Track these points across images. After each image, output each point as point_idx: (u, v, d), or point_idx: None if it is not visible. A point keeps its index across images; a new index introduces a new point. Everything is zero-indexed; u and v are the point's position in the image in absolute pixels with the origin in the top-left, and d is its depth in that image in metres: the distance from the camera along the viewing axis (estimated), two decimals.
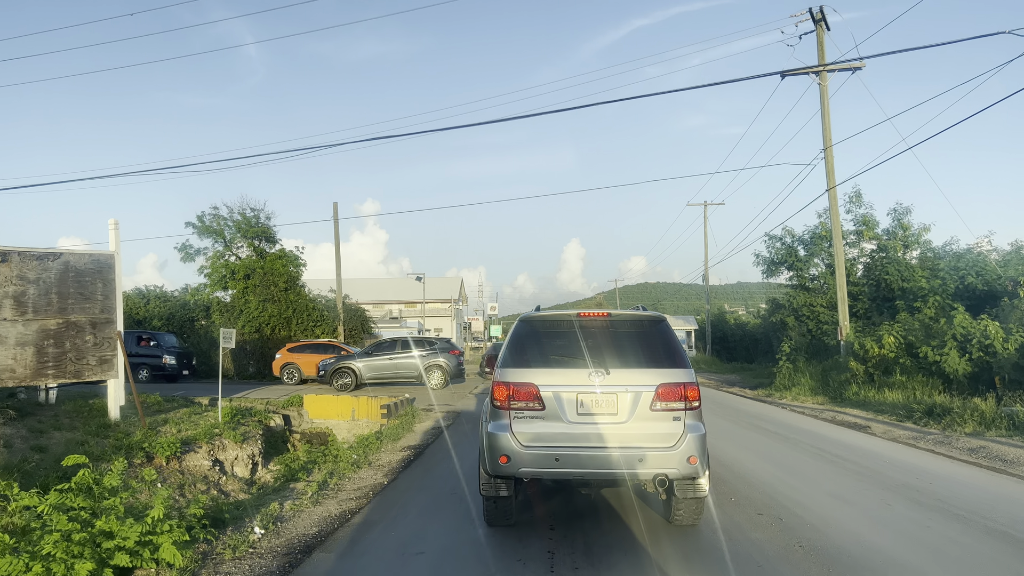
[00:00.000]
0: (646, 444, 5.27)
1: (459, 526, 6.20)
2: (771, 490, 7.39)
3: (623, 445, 5.26)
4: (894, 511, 6.51)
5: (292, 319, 27.08)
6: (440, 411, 15.54)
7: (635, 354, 5.64)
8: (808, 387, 19.13)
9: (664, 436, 5.27)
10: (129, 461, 10.20)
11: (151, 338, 23.55)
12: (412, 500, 7.33)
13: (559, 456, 5.30)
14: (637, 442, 5.27)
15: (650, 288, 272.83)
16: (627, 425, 5.30)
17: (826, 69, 20.64)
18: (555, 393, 5.36)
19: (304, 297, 27.44)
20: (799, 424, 13.33)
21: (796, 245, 30.09)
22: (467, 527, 6.13)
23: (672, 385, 5.34)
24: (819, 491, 7.38)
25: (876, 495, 7.14)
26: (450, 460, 9.57)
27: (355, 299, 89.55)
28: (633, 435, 5.29)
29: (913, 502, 6.82)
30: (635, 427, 5.30)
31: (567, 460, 5.30)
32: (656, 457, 5.24)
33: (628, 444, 5.26)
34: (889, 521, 6.16)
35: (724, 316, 46.87)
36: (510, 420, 5.37)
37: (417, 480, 8.37)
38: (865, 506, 6.72)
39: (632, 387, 5.34)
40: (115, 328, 12.50)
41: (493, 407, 5.51)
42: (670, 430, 5.28)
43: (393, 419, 14.33)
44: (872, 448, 10.23)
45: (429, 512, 6.84)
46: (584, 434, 5.31)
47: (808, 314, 27.74)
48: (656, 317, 5.91)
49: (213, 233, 32.10)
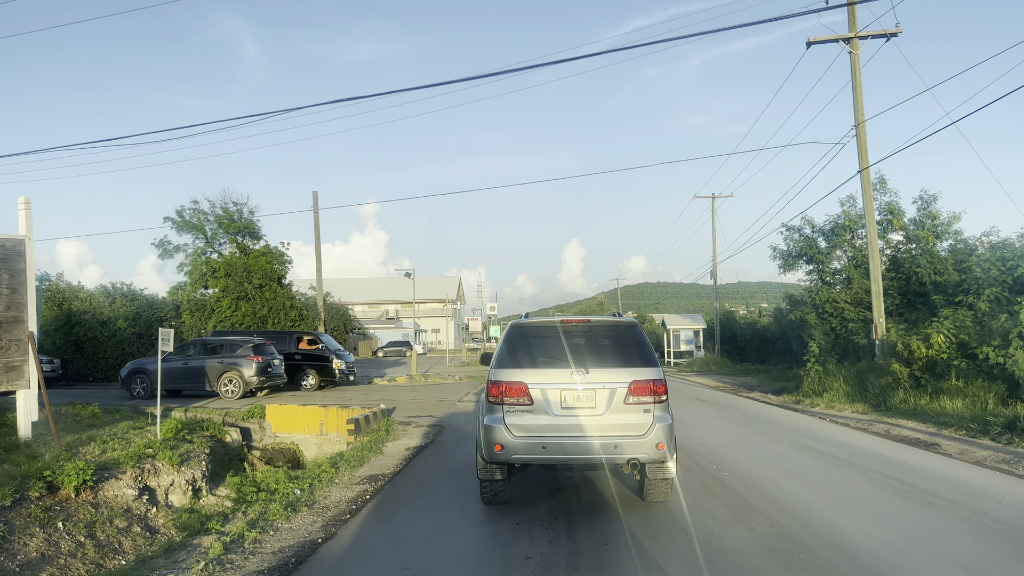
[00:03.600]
0: (621, 433, 6.01)
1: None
2: (875, 560, 5.11)
3: (601, 434, 6.00)
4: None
5: (268, 318, 24.84)
6: (421, 424, 13.28)
7: (611, 355, 6.36)
8: (843, 393, 16.86)
9: (636, 426, 6.02)
10: (22, 494, 7.98)
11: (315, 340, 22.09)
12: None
13: (546, 444, 6.03)
14: (613, 431, 6.01)
15: (650, 288, 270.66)
16: (604, 417, 6.04)
17: (858, 37, 18.40)
18: (542, 390, 6.08)
19: (281, 295, 25.20)
20: (850, 441, 11.06)
21: (816, 236, 27.85)
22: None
23: (643, 382, 6.07)
24: (944, 560, 5.09)
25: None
26: (422, 499, 7.29)
27: (352, 299, 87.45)
28: (609, 425, 6.02)
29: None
30: (611, 419, 6.03)
31: (553, 448, 6.04)
32: (629, 444, 5.98)
33: (605, 433, 6.00)
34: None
35: (733, 315, 44.62)
36: (503, 413, 6.10)
37: (369, 535, 6.09)
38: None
39: (608, 384, 6.07)
40: (25, 328, 10.27)
41: (488, 402, 6.21)
42: (641, 421, 6.03)
43: (363, 435, 12.08)
44: (962, 477, 7.95)
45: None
46: (567, 425, 6.05)
47: (831, 311, 25.46)
48: (629, 323, 6.62)
49: (193, 228, 30.13)
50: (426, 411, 15.40)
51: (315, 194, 25.95)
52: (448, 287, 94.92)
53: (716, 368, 33.09)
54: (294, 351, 21.42)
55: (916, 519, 6.17)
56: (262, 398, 18.76)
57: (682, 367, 36.47)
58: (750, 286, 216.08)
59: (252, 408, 15.30)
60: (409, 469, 9.01)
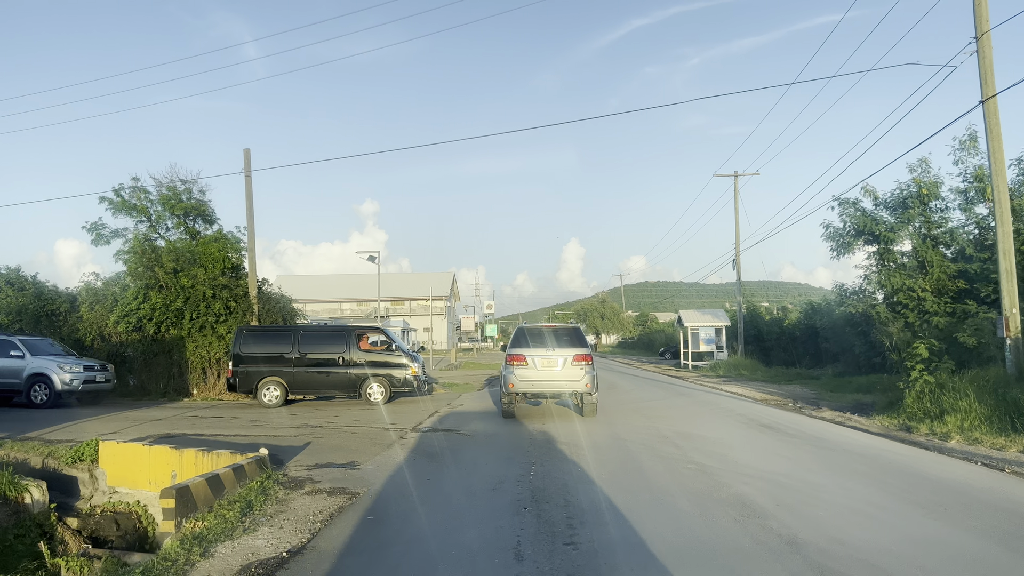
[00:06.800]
0: (569, 379, 13.01)
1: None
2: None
3: (560, 379, 13.04)
4: None
5: (185, 311, 19.34)
6: (321, 489, 7.78)
7: (566, 342, 13.39)
8: (979, 416, 11.43)
9: (577, 376, 12.98)
10: None
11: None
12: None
13: (533, 383, 13.08)
14: (565, 378, 13.02)
15: (650, 287, 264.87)
16: (561, 371, 13.02)
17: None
18: (531, 358, 13.09)
19: (202, 282, 19.67)
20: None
21: (878, 210, 22.39)
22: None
23: (580, 354, 13.12)
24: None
25: None
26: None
27: (342, 296, 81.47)
28: (564, 376, 13.02)
29: None
30: (565, 372, 13.01)
31: (537, 386, 13.12)
32: (573, 384, 13.02)
33: (562, 379, 13.03)
34: None
35: (757, 311, 39.11)
36: (514, 370, 13.13)
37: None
38: None
39: (563, 355, 13.10)
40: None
41: (506, 364, 13.43)
42: (579, 374, 12.99)
43: (223, 506, 6.57)
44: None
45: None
46: (544, 376, 13.05)
47: (906, 302, 20.00)
48: (575, 326, 14.03)
49: (134, 210, 24.72)
50: (346, 455, 9.89)
51: (247, 152, 20.41)
52: (442, 283, 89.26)
53: (747, 373, 27.60)
54: (352, 352, 17.28)
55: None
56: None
57: (704, 371, 30.91)
58: (751, 285, 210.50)
59: (80, 448, 9.82)
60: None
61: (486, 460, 9.23)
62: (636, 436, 11.22)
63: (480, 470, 8.54)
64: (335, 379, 17.04)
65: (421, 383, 17.35)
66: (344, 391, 17.21)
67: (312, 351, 17.14)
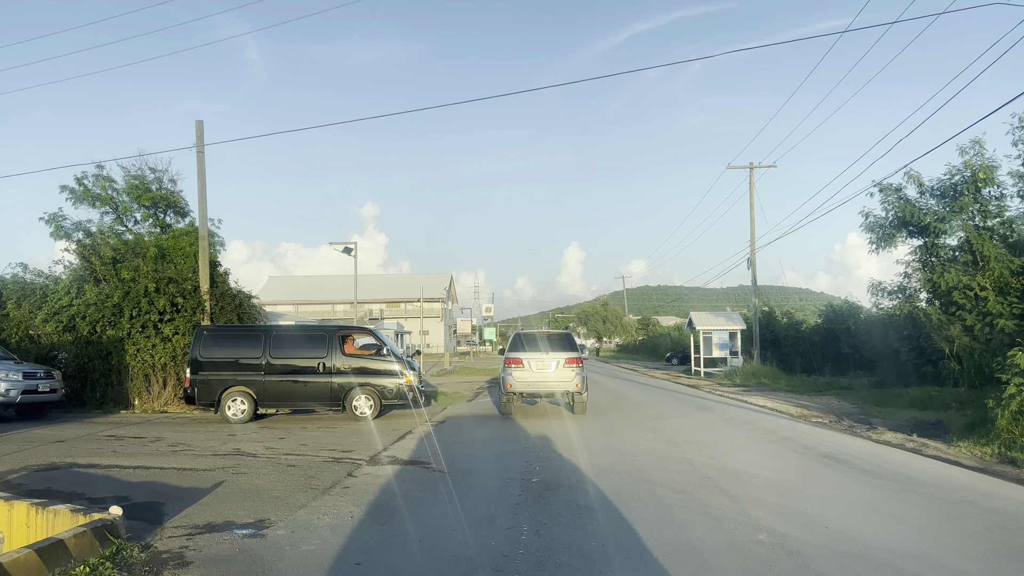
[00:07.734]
0: (562, 380, 14.16)
1: None
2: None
3: (553, 380, 14.20)
4: None
5: (124, 308, 16.59)
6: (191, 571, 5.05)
7: (560, 346, 14.58)
8: None
9: (569, 377, 14.11)
10: None
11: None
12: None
13: (528, 384, 14.24)
14: (558, 379, 14.18)
15: (651, 291, 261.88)
16: (554, 373, 14.18)
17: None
18: (527, 361, 14.26)
19: (145, 275, 16.91)
20: None
21: (924, 198, 19.68)
22: None
23: (572, 357, 14.23)
24: None
25: None
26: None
27: (336, 298, 78.65)
28: (557, 376, 14.17)
29: None
30: (557, 374, 14.16)
31: (532, 386, 14.29)
32: (565, 384, 14.17)
33: (555, 380, 14.19)
34: None
35: (773, 314, 36.35)
36: (512, 371, 14.25)
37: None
38: None
39: (556, 358, 14.25)
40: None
41: (505, 366, 14.54)
42: (571, 375, 14.11)
43: None
44: None
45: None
46: (539, 377, 14.20)
47: (963, 302, 17.26)
48: (567, 331, 15.78)
49: (98, 200, 22.28)
50: (259, 505, 7.12)
51: (199, 124, 17.64)
52: (438, 285, 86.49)
53: (769, 382, 24.83)
54: (335, 357, 14.57)
55: None
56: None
57: (719, 379, 28.16)
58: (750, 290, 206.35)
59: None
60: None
61: (456, 519, 6.46)
62: (666, 476, 8.40)
63: (445, 540, 5.78)
64: (314, 389, 14.25)
65: (417, 394, 14.48)
66: (325, 403, 14.37)
67: (287, 356, 14.41)
